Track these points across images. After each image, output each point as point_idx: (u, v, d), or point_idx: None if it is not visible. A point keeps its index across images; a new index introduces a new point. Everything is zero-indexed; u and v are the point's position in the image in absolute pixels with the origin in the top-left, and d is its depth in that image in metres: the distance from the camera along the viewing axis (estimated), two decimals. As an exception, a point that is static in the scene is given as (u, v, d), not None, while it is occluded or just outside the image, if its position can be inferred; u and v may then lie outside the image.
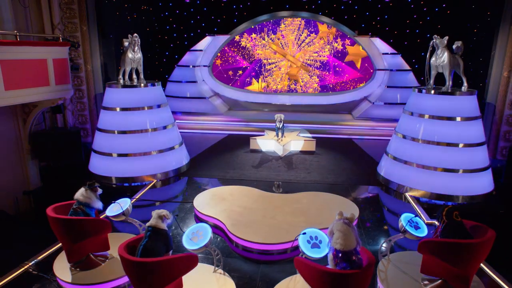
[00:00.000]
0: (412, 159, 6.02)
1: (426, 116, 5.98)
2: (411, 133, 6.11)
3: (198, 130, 10.48)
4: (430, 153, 5.89)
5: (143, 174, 6.57)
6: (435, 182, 5.85)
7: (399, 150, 6.28)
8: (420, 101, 6.14)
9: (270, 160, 7.83)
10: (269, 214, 5.01)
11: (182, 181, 6.70)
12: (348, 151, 8.57)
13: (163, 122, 6.97)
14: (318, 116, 11.34)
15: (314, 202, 5.39)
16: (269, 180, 6.64)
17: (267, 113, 11.75)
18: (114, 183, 6.43)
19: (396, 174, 6.26)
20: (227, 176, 6.83)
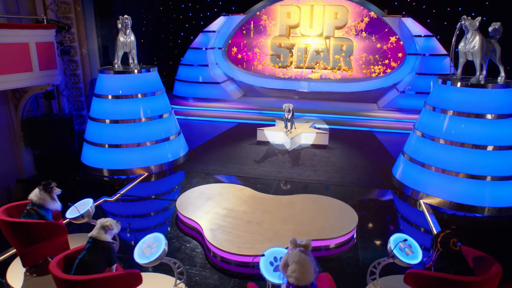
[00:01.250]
0: (430, 162, 5.43)
1: (450, 112, 5.33)
2: (431, 132, 5.50)
3: (208, 118, 10.23)
4: (452, 156, 5.27)
5: (136, 166, 6.44)
6: (456, 190, 5.24)
7: (417, 150, 5.69)
8: (444, 94, 5.48)
9: (276, 154, 7.46)
10: (256, 219, 4.70)
11: (175, 176, 6.51)
12: (366, 146, 8.02)
13: (159, 111, 6.76)
14: (339, 105, 10.74)
15: (309, 207, 5.00)
16: (268, 178, 6.30)
17: (284, 100, 11.27)
18: (105, 175, 6.35)
19: (412, 178, 5.70)
20: (224, 171, 6.55)
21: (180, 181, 6.32)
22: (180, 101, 11.16)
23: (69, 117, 6.66)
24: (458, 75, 5.67)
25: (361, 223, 4.86)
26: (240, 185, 5.88)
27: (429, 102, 5.71)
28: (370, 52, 11.09)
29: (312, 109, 10.24)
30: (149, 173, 6.46)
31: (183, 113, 10.45)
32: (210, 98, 11.13)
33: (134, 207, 5.44)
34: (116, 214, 5.20)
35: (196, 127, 9.72)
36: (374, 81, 11.01)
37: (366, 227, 4.88)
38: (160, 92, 6.87)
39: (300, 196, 5.37)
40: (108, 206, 5.37)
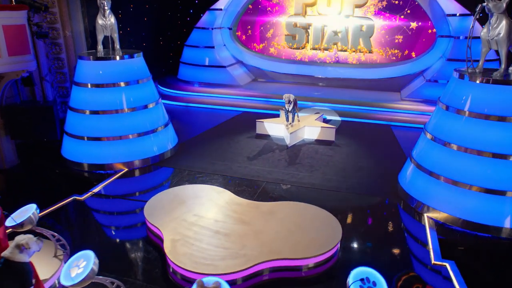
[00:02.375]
0: (440, 170, 4.91)
1: (466, 113, 4.74)
2: (443, 135, 4.94)
3: (211, 105, 9.98)
4: (466, 165, 4.72)
5: (118, 161, 6.30)
6: (467, 205, 4.71)
7: (425, 155, 5.16)
8: (461, 91, 4.88)
9: (273, 150, 7.12)
10: (225, 229, 4.43)
11: (157, 173, 6.33)
12: (377, 144, 7.50)
13: (143, 100, 6.55)
14: (357, 94, 10.18)
15: (290, 217, 4.66)
16: (256, 180, 5.98)
17: (296, 87, 10.84)
18: (86, 170, 6.27)
19: (418, 187, 5.20)
20: (210, 169, 6.31)
21: (161, 179, 6.14)
22: (185, 86, 10.98)
23: (51, 105, 6.59)
24: (480, 68, 5.03)
25: (347, 239, 4.47)
26: (224, 186, 5.64)
27: (443, 99, 5.12)
28: (393, 33, 10.35)
29: (325, 98, 9.75)
30: (129, 168, 6.32)
31: (187, 100, 10.27)
32: (216, 83, 10.86)
33: (103, 208, 5.32)
34: (82, 216, 5.10)
35: (197, 115, 9.54)
36: (398, 67, 10.29)
37: (351, 244, 4.49)
38: (146, 79, 6.65)
39: (283, 203, 5.03)
40: (77, 206, 5.27)
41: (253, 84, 11.07)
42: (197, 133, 8.08)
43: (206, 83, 11.01)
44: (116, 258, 4.20)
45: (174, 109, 9.85)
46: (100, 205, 5.35)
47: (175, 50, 12.28)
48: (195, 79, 11.13)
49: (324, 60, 11.04)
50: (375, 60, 10.71)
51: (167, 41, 12.43)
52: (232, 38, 11.41)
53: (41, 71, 7.06)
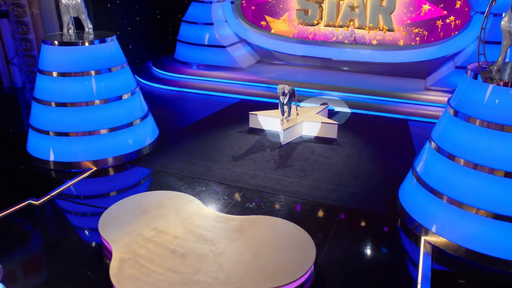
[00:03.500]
0: (443, 188, 4.55)
1: (477, 122, 4.32)
2: (449, 145, 4.56)
3: (206, 91, 9.79)
4: (473, 184, 4.35)
5: (88, 159, 6.24)
6: (473, 232, 4.37)
7: (428, 168, 4.81)
8: (473, 94, 4.46)
9: (263, 148, 6.89)
10: (183, 248, 4.29)
11: (128, 173, 6.24)
12: (388, 142, 7.13)
13: (117, 91, 6.42)
14: (374, 80, 9.76)
15: (259, 237, 4.46)
16: (235, 186, 5.80)
17: (306, 70, 10.47)
18: (52, 168, 6.26)
19: (417, 205, 4.87)
20: (187, 171, 6.16)
21: (131, 182, 6.06)
22: (182, 68, 10.81)
23: (16, 92, 6.57)
24: (498, 66, 4.57)
25: (322, 265, 4.25)
26: (197, 192, 5.50)
27: (452, 102, 4.71)
28: (419, 9, 9.70)
29: (335, 85, 9.35)
30: (99, 167, 6.26)
31: (182, 84, 10.12)
32: (215, 65, 10.63)
33: (58, 215, 5.29)
34: (32, 225, 5.09)
35: (190, 102, 9.41)
36: (424, 50, 9.70)
37: (325, 271, 4.26)
38: (120, 67, 6.50)
39: (257, 218, 4.82)
40: (30, 212, 5.25)
41: (256, 67, 10.76)
42: (185, 124, 7.96)
43: (205, 64, 10.79)
44: (57, 280, 4.16)
45: (166, 95, 9.78)
46: (56, 212, 5.31)
47: (174, 25, 12.05)
48: (193, 60, 10.92)
49: (339, 40, 10.54)
50: (397, 40, 10.13)
51: (166, 14, 12.21)
52: (235, 13, 11.05)
53: (7, 53, 7.01)
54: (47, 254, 4.57)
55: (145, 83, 10.44)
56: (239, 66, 10.44)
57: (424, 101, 8.67)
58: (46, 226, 5.13)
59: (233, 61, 10.46)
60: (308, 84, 9.39)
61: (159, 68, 10.92)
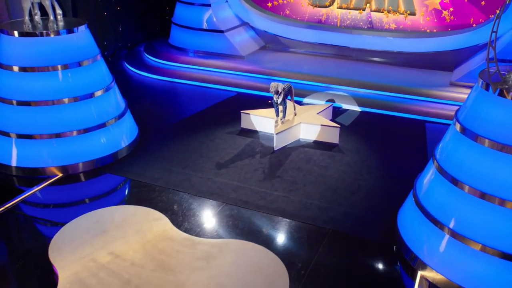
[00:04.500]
0: (444, 218, 4.22)
1: (486, 142, 3.95)
2: (452, 167, 4.22)
3: (201, 82, 9.59)
4: (480, 216, 4.01)
5: (55, 164, 6.12)
6: (476, 271, 4.05)
7: (430, 193, 4.48)
8: (483, 109, 4.08)
9: (253, 154, 6.66)
10: (138, 279, 4.13)
11: (97, 181, 6.12)
12: (398, 149, 6.82)
13: (89, 88, 6.26)
14: (390, 73, 9.37)
15: (227, 266, 4.26)
16: (214, 200, 5.60)
17: (316, 59, 10.15)
18: (14, 174, 6.17)
19: (416, 234, 4.56)
20: (162, 181, 5.99)
21: (98, 192, 5.95)
22: (177, 55, 10.60)
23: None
24: None
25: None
26: (168, 208, 5.34)
27: (460, 115, 4.35)
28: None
29: (344, 79, 9.00)
30: (65, 174, 6.15)
31: (175, 74, 9.92)
32: (211, 52, 10.43)
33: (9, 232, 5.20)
34: None
35: (181, 95, 9.26)
36: (449, 38, 9.21)
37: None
38: (92, 60, 6.32)
39: (228, 242, 4.64)
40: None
41: (258, 55, 10.48)
42: (170, 121, 7.81)
43: (203, 51, 10.59)
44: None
45: (156, 86, 9.64)
46: (6, 228, 5.21)
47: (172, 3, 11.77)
48: (189, 46, 10.72)
49: (353, 24, 10.13)
50: (421, 26, 9.64)
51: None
52: (237, -8, 10.74)
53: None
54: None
55: (134, 71, 10.32)
56: (239, 53, 10.18)
57: (447, 99, 8.25)
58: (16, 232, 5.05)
59: (232, 48, 10.21)
60: (314, 77, 9.09)
61: (151, 55, 10.75)
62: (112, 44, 11.06)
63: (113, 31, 11.01)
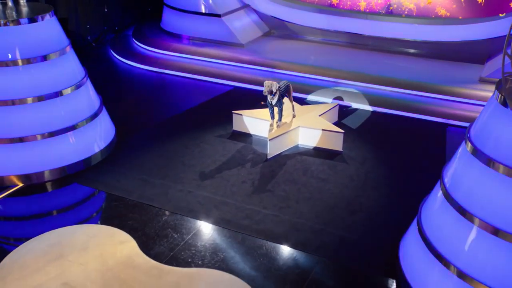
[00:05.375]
0: (451, 254, 3.96)
1: (501, 169, 3.66)
2: (461, 196, 3.94)
3: (193, 74, 9.46)
4: (493, 255, 3.75)
5: (17, 172, 6.03)
6: None
7: (435, 222, 4.24)
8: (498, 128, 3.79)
9: (243, 163, 6.49)
10: (94, 317, 4.01)
11: (63, 192, 6.03)
12: (412, 159, 6.60)
13: (56, 85, 6.11)
14: (410, 65, 9.12)
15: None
16: (191, 217, 5.44)
17: (327, 48, 9.94)
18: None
19: (417, 268, 4.33)
20: (136, 193, 5.86)
21: (64, 205, 5.85)
22: (169, 42, 10.49)
23: None
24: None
25: None
26: (138, 227, 5.21)
27: (472, 132, 4.07)
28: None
29: (357, 72, 8.76)
30: (26, 184, 6.04)
31: (166, 64, 9.80)
32: (207, 38, 10.31)
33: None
34: None
35: (170, 89, 9.16)
36: (485, 25, 8.90)
37: None
38: (59, 53, 6.16)
39: (201, 272, 4.49)
40: None
41: (259, 43, 10.29)
42: (154, 120, 7.72)
43: (198, 38, 10.46)
44: None
45: (143, 78, 9.54)
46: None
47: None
48: (183, 32, 10.61)
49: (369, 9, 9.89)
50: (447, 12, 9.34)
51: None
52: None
53: None
54: None
55: (120, 59, 10.25)
56: (238, 41, 10.01)
57: (474, 98, 7.94)
58: None
59: (230, 35, 10.04)
60: (321, 70, 8.89)
61: (140, 41, 10.65)
62: (96, 28, 10.98)
63: (98, 12, 10.90)
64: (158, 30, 11.03)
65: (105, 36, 11.23)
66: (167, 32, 10.79)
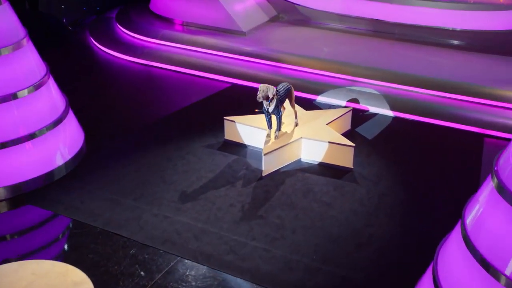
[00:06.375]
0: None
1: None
2: (484, 244, 3.70)
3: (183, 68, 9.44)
4: None
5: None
6: None
7: (452, 273, 4.02)
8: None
9: (233, 181, 6.36)
10: None
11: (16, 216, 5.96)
12: (438, 179, 6.41)
13: (9, 86, 6.02)
14: (442, 60, 8.86)
15: None
16: (164, 252, 5.30)
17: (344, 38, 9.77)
18: None
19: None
20: (102, 218, 5.74)
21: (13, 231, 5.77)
22: (159, 28, 10.36)
23: None
24: None
25: None
26: (101, 261, 5.10)
27: (500, 165, 3.81)
28: None
29: (378, 69, 8.52)
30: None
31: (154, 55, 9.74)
32: (204, 24, 10.19)
33: None
34: None
35: (156, 86, 9.08)
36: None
37: None
38: (12, 48, 6.05)
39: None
40: None
41: (264, 31, 10.11)
42: (135, 126, 7.66)
43: (194, 24, 10.35)
44: None
45: (127, 71, 9.55)
46: None
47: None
48: (176, 16, 10.50)
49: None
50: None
51: None
52: None
53: None
54: None
55: (101, 48, 10.25)
56: (238, 28, 9.86)
57: None
58: None
59: (229, 21, 9.90)
60: (335, 65, 8.66)
61: (124, 26, 10.59)
62: (73, 9, 10.96)
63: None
64: (146, 12, 10.94)
65: (84, 19, 11.18)
66: (157, 16, 10.70)
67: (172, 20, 10.51)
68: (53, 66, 6.84)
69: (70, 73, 9.10)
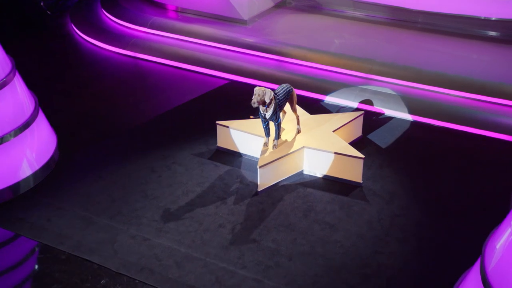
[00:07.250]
0: None
1: None
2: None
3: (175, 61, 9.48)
4: None
5: None
6: None
7: None
8: None
9: (224, 197, 6.32)
10: None
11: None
12: (465, 197, 6.35)
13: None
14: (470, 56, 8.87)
15: None
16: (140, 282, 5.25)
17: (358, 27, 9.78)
18: None
19: None
20: (70, 241, 5.72)
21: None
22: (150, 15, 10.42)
23: None
24: None
25: None
26: None
27: None
28: None
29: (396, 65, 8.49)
30: None
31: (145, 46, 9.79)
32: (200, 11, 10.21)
33: None
34: None
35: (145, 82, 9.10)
36: None
37: None
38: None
39: None
40: None
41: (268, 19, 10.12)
42: (116, 129, 7.68)
43: (189, 10, 10.38)
44: None
45: (112, 64, 9.62)
46: None
47: None
48: (168, 0, 10.54)
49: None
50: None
51: None
52: None
53: None
54: None
55: (83, 37, 10.28)
56: (238, 16, 9.88)
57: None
58: None
59: (228, 7, 9.88)
60: (348, 60, 8.62)
61: (110, 11, 10.64)
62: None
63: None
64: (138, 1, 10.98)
65: (65, 2, 11.19)
66: (148, 1, 10.77)
67: (165, 5, 10.58)
68: (23, 59, 6.81)
69: (44, 68, 9.07)
